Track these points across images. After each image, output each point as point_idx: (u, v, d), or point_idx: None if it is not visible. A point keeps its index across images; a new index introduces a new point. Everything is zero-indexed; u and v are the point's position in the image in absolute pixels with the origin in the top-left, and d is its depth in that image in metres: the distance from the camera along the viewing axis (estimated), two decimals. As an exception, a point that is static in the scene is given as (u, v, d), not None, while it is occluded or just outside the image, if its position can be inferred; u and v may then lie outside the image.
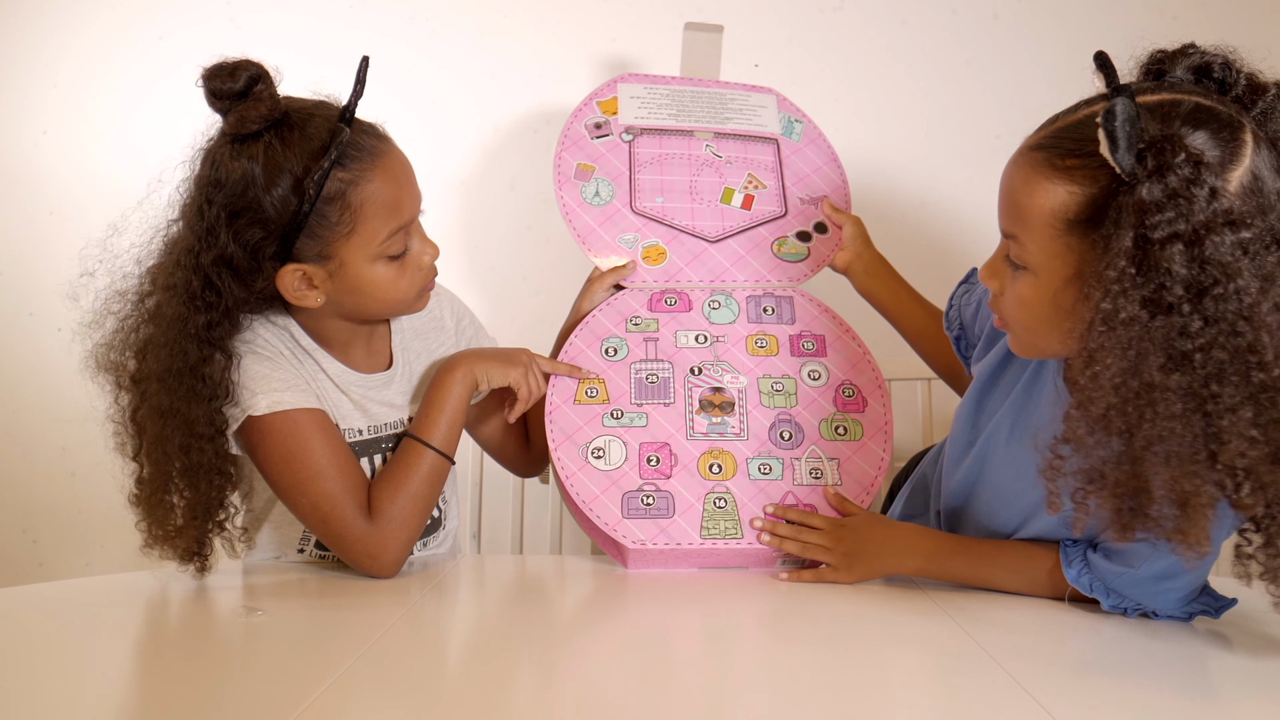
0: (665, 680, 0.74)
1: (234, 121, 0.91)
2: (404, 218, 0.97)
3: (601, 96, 1.30)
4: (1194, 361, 0.67)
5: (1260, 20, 1.67)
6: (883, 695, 0.71)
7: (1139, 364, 0.68)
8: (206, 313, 0.93)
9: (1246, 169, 0.70)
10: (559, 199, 1.24)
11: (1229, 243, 0.66)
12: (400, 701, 0.67)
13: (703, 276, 1.22)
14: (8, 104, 1.69)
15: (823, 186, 1.29)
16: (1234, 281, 0.66)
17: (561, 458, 1.07)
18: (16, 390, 1.70)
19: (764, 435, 1.10)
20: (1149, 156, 0.69)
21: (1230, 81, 0.75)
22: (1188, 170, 0.67)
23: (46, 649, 0.79)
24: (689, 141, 1.28)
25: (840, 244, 1.24)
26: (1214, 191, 0.67)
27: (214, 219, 0.92)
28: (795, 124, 1.32)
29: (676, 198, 1.25)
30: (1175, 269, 0.67)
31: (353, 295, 0.99)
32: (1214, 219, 0.67)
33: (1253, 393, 0.66)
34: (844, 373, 1.15)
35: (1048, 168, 0.77)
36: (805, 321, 1.19)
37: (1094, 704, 0.68)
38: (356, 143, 0.94)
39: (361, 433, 1.06)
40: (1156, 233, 0.67)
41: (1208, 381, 0.67)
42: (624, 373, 1.14)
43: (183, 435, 0.93)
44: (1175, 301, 0.67)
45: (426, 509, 1.02)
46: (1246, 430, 0.66)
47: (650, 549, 1.02)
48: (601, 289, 1.20)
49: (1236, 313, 0.66)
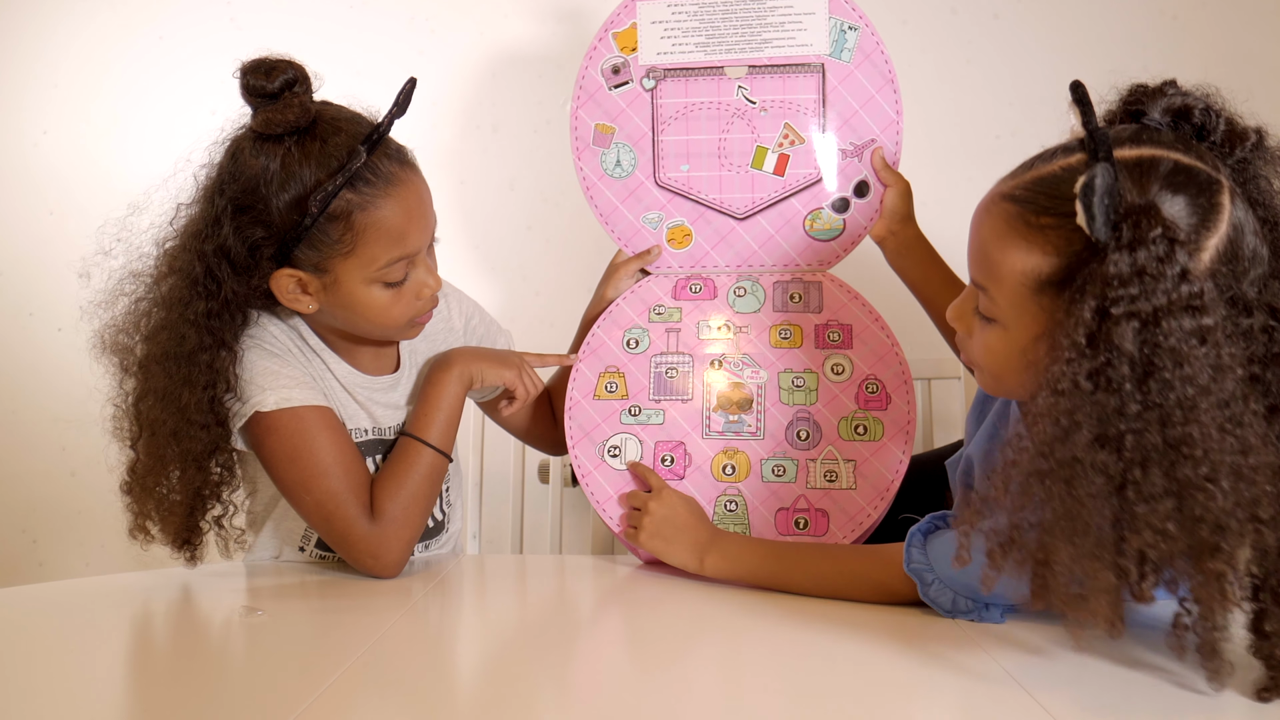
0: (666, 681, 0.74)
1: (261, 121, 0.91)
2: (407, 249, 0.96)
3: (618, 25, 1.16)
4: (1125, 444, 0.65)
5: (1260, 20, 1.67)
6: (888, 699, 0.71)
7: (1070, 434, 0.66)
8: (206, 300, 0.93)
9: (1223, 235, 0.69)
10: (578, 170, 1.17)
11: (1186, 328, 0.65)
12: (400, 702, 0.67)
13: (729, 260, 1.16)
14: (8, 104, 1.69)
15: (871, 126, 1.14)
16: (1181, 369, 0.64)
17: (579, 455, 1.08)
18: (16, 390, 1.70)
19: (780, 435, 1.09)
20: (1124, 227, 0.67)
21: (1210, 127, 0.73)
22: (1160, 248, 0.66)
23: (46, 649, 0.79)
24: (719, 84, 1.14)
25: (880, 211, 1.14)
26: (1184, 273, 0.65)
27: (221, 209, 0.92)
28: (848, 32, 1.13)
29: (703, 164, 1.15)
30: (1125, 346, 0.65)
31: (344, 311, 0.98)
32: (1176, 302, 0.65)
33: (1177, 487, 0.64)
34: (869, 366, 1.11)
35: (1021, 224, 0.74)
36: (833, 310, 1.13)
37: (1095, 705, 0.68)
38: (375, 166, 0.93)
39: (366, 433, 1.06)
40: (1116, 307, 0.66)
41: (1132, 466, 0.64)
42: (644, 366, 1.13)
43: (176, 420, 0.93)
44: (1119, 379, 0.65)
45: (427, 507, 1.02)
46: (1162, 523, 0.64)
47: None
48: (626, 275, 1.18)
49: (1177, 402, 0.64)
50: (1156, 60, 1.68)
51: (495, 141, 1.70)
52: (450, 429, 1.05)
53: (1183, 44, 1.65)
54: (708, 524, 1.03)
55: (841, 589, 0.92)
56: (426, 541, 1.12)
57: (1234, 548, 0.63)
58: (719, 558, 0.98)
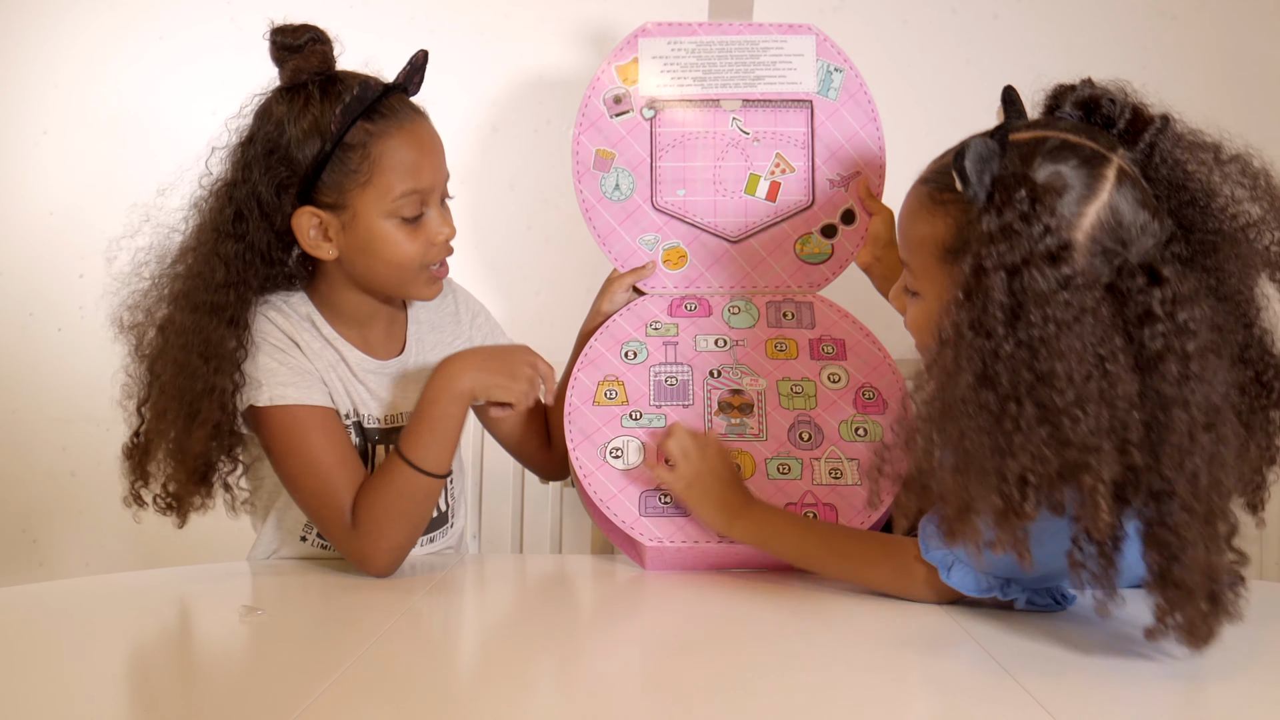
0: (666, 681, 0.74)
1: (289, 72, 0.98)
2: (420, 182, 1.00)
3: (621, 59, 1.21)
4: (1001, 381, 0.71)
5: (1260, 20, 1.67)
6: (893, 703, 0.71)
7: (955, 378, 0.73)
8: (235, 241, 0.98)
9: (1104, 204, 0.75)
10: (578, 192, 1.21)
11: (1049, 276, 0.71)
12: (401, 702, 0.67)
13: (723, 282, 1.22)
14: (8, 104, 1.69)
15: (856, 159, 1.21)
16: (1044, 310, 0.70)
17: (580, 457, 1.08)
18: (16, 390, 1.70)
19: (783, 436, 1.10)
20: (997, 192, 0.74)
21: (1116, 116, 0.79)
22: (1025, 206, 0.72)
23: (46, 649, 0.79)
24: (715, 115, 1.21)
25: (865, 239, 1.19)
26: (1047, 229, 0.72)
27: (252, 156, 0.98)
28: (834, 74, 1.21)
29: (699, 189, 1.21)
30: (995, 295, 0.71)
31: (362, 256, 1.01)
32: (1040, 253, 0.71)
33: (1047, 415, 0.70)
34: (864, 376, 1.14)
35: (929, 201, 0.83)
36: (825, 326, 1.18)
37: (1094, 704, 0.68)
38: (392, 105, 1.00)
39: (380, 422, 1.07)
40: (988, 261, 0.72)
41: (1008, 400, 0.71)
42: (643, 375, 1.14)
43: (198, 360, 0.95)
44: (992, 324, 0.71)
45: (412, 524, 1.00)
46: (1037, 448, 0.70)
47: (668, 547, 1.01)
48: (621, 290, 1.21)
49: (1042, 339, 0.70)
50: (1156, 60, 1.68)
51: (495, 141, 1.70)
52: (445, 449, 1.01)
53: (1183, 44, 1.65)
54: (745, 489, 1.03)
55: (862, 568, 0.94)
56: (431, 534, 1.12)
57: (1101, 465, 0.69)
58: (749, 523, 0.99)
